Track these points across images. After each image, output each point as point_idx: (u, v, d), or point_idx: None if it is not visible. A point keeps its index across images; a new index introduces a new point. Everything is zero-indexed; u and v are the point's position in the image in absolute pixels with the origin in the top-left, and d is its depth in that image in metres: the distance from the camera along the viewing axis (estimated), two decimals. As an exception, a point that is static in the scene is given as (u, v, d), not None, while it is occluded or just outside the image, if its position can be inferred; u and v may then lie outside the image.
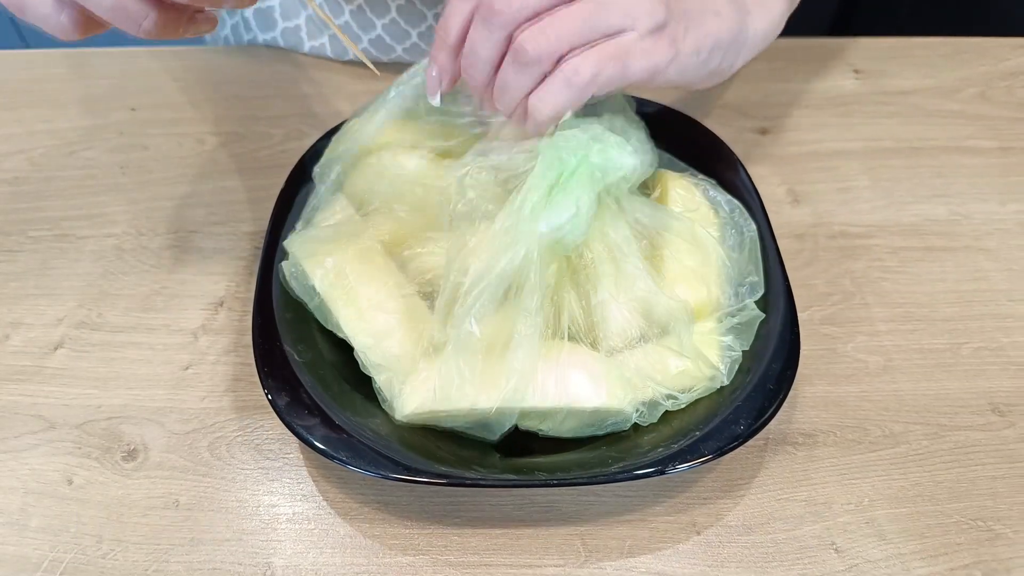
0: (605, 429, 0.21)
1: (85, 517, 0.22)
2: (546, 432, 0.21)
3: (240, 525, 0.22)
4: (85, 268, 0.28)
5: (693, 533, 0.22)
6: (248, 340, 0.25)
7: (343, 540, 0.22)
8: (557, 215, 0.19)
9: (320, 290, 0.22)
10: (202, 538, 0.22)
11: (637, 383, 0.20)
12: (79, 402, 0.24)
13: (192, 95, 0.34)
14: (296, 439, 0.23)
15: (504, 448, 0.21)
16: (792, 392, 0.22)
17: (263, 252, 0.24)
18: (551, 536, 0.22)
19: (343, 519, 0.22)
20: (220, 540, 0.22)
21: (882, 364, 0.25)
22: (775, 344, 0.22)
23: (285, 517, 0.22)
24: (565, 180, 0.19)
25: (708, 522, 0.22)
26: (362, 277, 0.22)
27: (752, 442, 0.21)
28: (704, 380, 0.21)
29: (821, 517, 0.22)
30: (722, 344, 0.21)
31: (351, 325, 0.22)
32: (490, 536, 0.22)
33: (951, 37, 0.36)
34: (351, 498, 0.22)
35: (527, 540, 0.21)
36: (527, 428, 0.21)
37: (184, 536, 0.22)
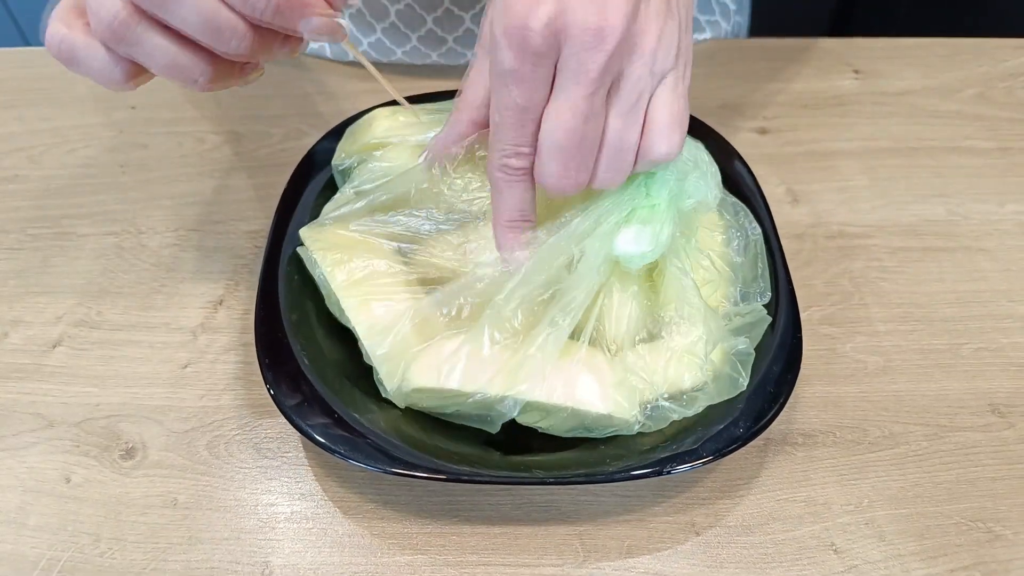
0: (605, 434, 0.21)
1: (83, 516, 0.22)
2: (545, 429, 0.21)
3: (238, 524, 0.22)
4: (85, 266, 0.28)
5: (692, 533, 0.22)
6: (247, 339, 0.25)
7: (341, 539, 0.22)
8: (636, 244, 0.19)
9: (328, 278, 0.22)
10: (200, 537, 0.21)
11: (647, 395, 0.20)
12: (78, 400, 0.24)
13: (192, 94, 0.34)
14: (295, 438, 0.23)
15: (504, 446, 0.21)
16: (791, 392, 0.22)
17: (268, 246, 0.24)
18: (549, 536, 0.22)
19: (341, 518, 0.22)
20: (218, 539, 0.21)
21: (881, 364, 0.25)
22: (776, 346, 0.22)
23: (283, 516, 0.22)
24: (650, 211, 0.19)
25: (707, 522, 0.22)
26: (370, 268, 0.22)
27: (751, 442, 0.21)
28: (721, 390, 0.21)
29: (820, 518, 0.22)
30: (736, 349, 0.21)
31: (356, 314, 0.21)
32: (488, 535, 0.22)
33: (950, 38, 0.36)
34: (350, 497, 0.22)
35: (525, 540, 0.21)
36: (527, 423, 0.21)
37: (182, 535, 0.22)
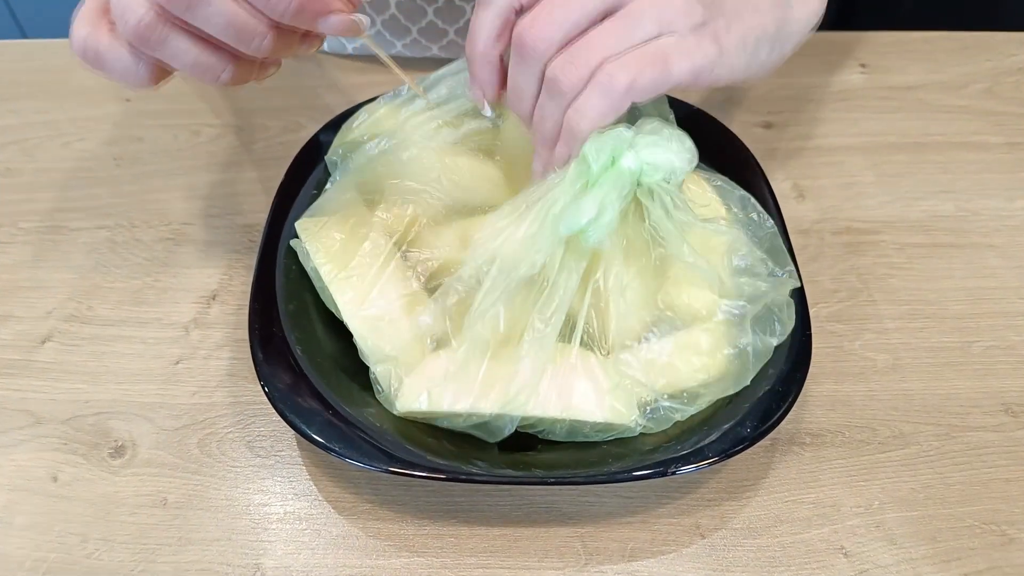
0: (607, 438, 0.20)
1: (71, 515, 0.21)
2: (544, 435, 0.21)
3: (230, 524, 0.21)
4: (77, 260, 0.28)
5: (697, 536, 0.21)
6: (241, 334, 0.24)
7: (336, 540, 0.21)
8: (576, 218, 0.19)
9: (322, 272, 0.22)
10: (190, 537, 0.21)
11: (646, 395, 0.20)
12: (67, 397, 0.24)
13: (187, 87, 0.33)
14: (289, 436, 0.23)
15: (503, 444, 0.21)
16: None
17: (265, 241, 0.24)
18: (550, 538, 0.21)
19: (336, 518, 0.21)
20: (209, 540, 0.21)
21: (890, 362, 0.25)
22: (785, 344, 0.21)
23: (276, 516, 0.21)
24: (591, 183, 0.19)
25: (713, 525, 0.21)
26: (364, 261, 0.21)
27: (758, 442, 0.20)
28: (727, 385, 0.20)
29: (829, 520, 0.21)
30: (739, 343, 0.21)
31: (350, 310, 0.21)
32: (487, 537, 0.21)
33: (957, 32, 0.36)
34: (345, 496, 0.22)
35: (526, 542, 0.21)
36: (525, 430, 0.21)
37: (172, 535, 0.21)
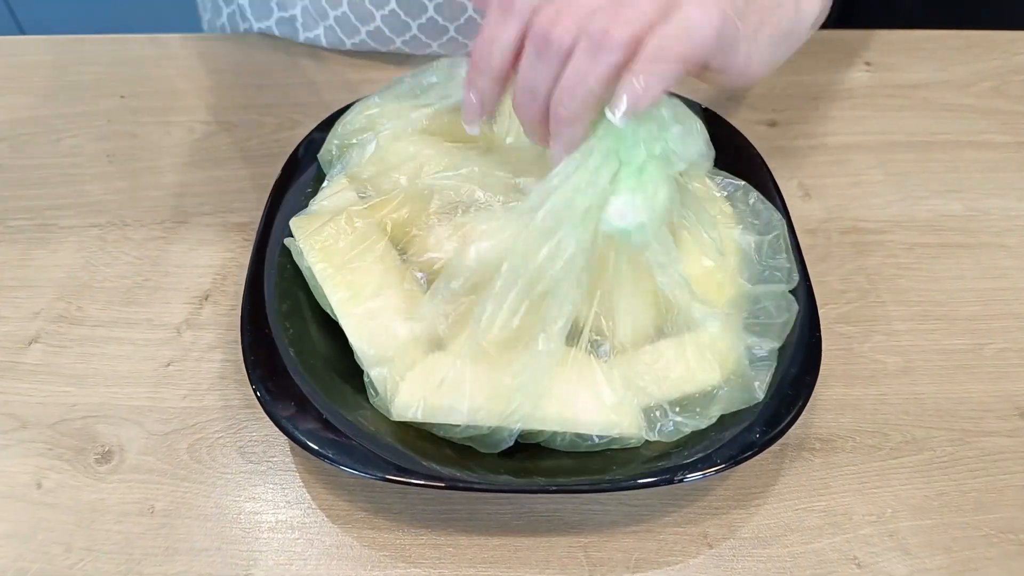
0: (613, 447, 0.20)
1: (54, 523, 0.21)
2: (546, 444, 0.20)
3: (220, 533, 0.20)
4: (66, 259, 0.27)
5: (704, 546, 0.20)
6: (235, 335, 0.24)
7: (329, 550, 0.20)
8: (632, 216, 0.17)
9: (316, 271, 0.21)
10: (178, 547, 0.20)
11: (652, 407, 0.19)
12: (53, 400, 0.23)
13: (184, 83, 0.33)
14: (282, 441, 0.22)
15: (503, 451, 0.20)
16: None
17: (258, 240, 0.23)
18: (552, 547, 0.20)
19: (330, 527, 0.21)
20: (197, 549, 0.20)
21: (901, 365, 0.24)
22: (793, 347, 0.21)
23: (268, 525, 0.21)
24: (637, 175, 0.17)
25: (720, 534, 0.20)
26: (359, 260, 0.21)
27: (767, 448, 0.19)
28: (735, 398, 0.20)
29: (841, 529, 0.21)
30: (753, 353, 0.20)
31: (344, 310, 0.20)
32: (487, 547, 0.20)
33: (963, 30, 0.35)
34: (339, 504, 0.21)
35: (526, 552, 0.20)
36: (526, 440, 0.20)
37: (159, 545, 0.20)
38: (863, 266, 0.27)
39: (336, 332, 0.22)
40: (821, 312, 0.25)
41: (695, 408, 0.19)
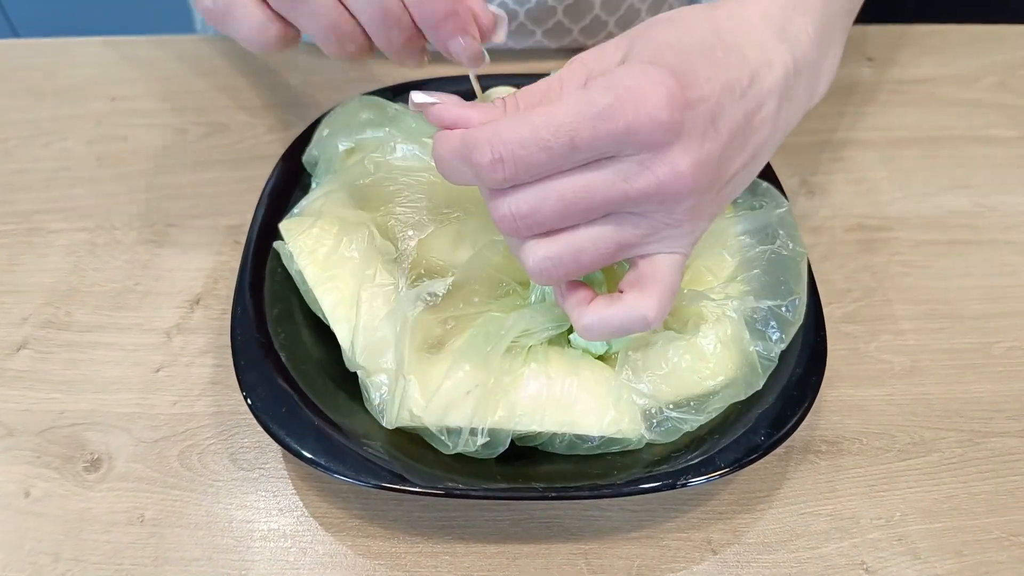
0: (612, 450, 0.19)
1: (42, 533, 0.20)
2: (545, 448, 0.20)
3: (211, 542, 0.20)
4: (55, 263, 0.26)
5: (708, 552, 0.20)
6: (226, 340, 0.23)
7: (323, 559, 0.20)
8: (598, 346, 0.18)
9: (306, 275, 0.21)
10: (168, 556, 0.20)
11: (652, 409, 0.19)
12: (41, 407, 0.23)
13: (175, 85, 0.32)
14: (274, 448, 0.22)
15: (501, 456, 0.20)
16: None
17: (249, 243, 0.23)
18: (552, 555, 0.20)
19: (323, 536, 0.20)
20: (188, 559, 0.20)
21: (908, 365, 0.24)
22: (798, 347, 0.20)
23: (260, 534, 0.20)
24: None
25: (725, 540, 0.20)
26: (350, 263, 0.20)
27: (772, 451, 0.19)
28: (736, 392, 0.19)
29: (848, 533, 0.20)
30: (754, 349, 0.19)
31: (336, 315, 0.20)
32: (485, 555, 0.20)
33: (966, 25, 0.35)
34: (333, 512, 0.21)
35: (525, 559, 0.20)
36: (524, 444, 0.20)
37: (148, 555, 0.20)
38: (868, 264, 0.26)
39: (328, 337, 0.21)
40: (826, 311, 0.24)
41: (690, 404, 0.19)
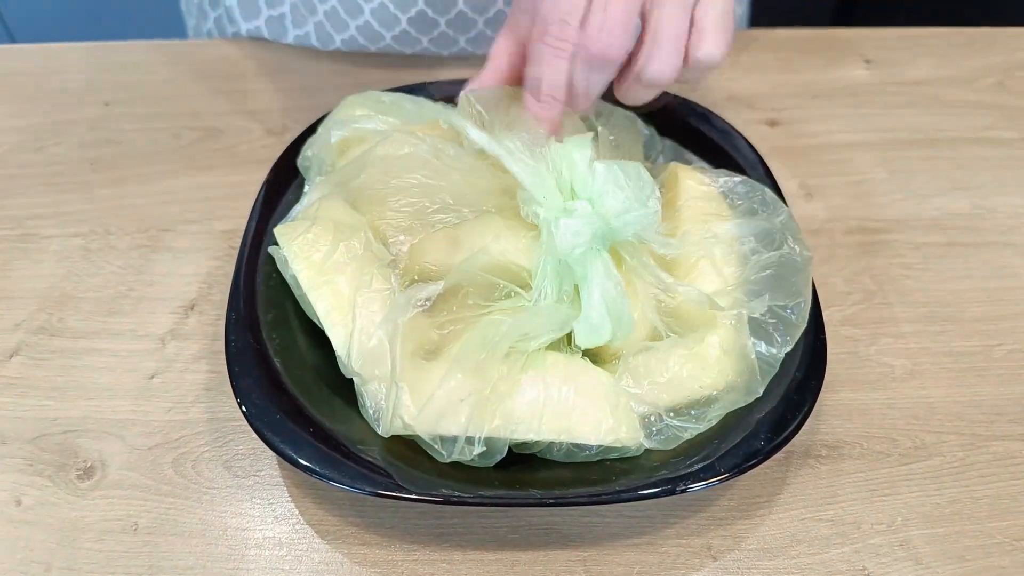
0: (611, 456, 0.19)
1: (34, 542, 0.20)
2: (543, 455, 0.20)
3: (205, 551, 0.20)
4: (48, 269, 0.26)
5: (709, 558, 0.20)
6: (221, 346, 0.23)
7: (318, 567, 0.20)
8: (596, 336, 0.18)
9: (301, 280, 0.20)
10: (161, 565, 0.20)
11: (651, 416, 0.19)
12: (33, 414, 0.23)
13: (169, 89, 0.32)
14: (269, 455, 0.21)
15: (499, 462, 0.19)
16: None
17: (244, 247, 0.23)
18: (550, 562, 0.20)
19: (319, 544, 0.20)
20: (182, 568, 0.19)
21: (909, 368, 0.23)
22: (799, 351, 0.20)
23: (255, 542, 0.20)
24: (580, 282, 0.18)
25: (725, 546, 0.20)
26: (345, 268, 0.20)
27: (773, 456, 0.19)
28: (735, 396, 0.19)
29: (849, 539, 0.20)
30: (755, 352, 0.19)
31: (331, 320, 0.20)
32: (482, 562, 0.20)
33: (963, 27, 0.35)
34: (328, 520, 0.20)
35: (523, 567, 0.20)
36: (521, 452, 0.19)
37: (142, 563, 0.20)
38: (868, 267, 0.26)
39: (324, 342, 0.21)
40: (826, 314, 0.24)
41: (690, 411, 0.19)
